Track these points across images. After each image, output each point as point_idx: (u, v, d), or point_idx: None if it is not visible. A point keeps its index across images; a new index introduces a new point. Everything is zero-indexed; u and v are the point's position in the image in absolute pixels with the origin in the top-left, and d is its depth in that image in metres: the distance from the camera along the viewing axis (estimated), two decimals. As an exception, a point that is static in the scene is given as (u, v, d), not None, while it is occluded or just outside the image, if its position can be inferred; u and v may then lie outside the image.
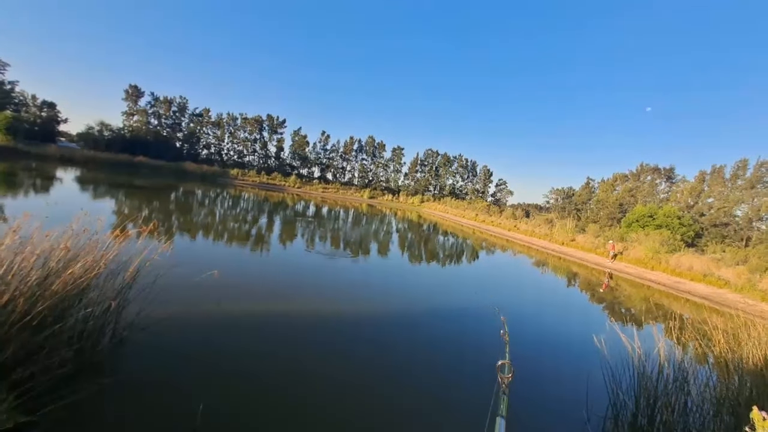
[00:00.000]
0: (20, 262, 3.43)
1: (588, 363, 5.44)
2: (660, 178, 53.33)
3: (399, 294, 9.56)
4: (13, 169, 26.48)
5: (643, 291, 16.95)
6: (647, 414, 4.20)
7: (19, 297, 3.21)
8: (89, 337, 3.97)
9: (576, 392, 5.03)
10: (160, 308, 5.12)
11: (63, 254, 3.85)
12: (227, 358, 4.71)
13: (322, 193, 62.65)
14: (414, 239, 24.16)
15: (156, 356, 4.48)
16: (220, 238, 13.78)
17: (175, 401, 3.73)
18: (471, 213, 51.32)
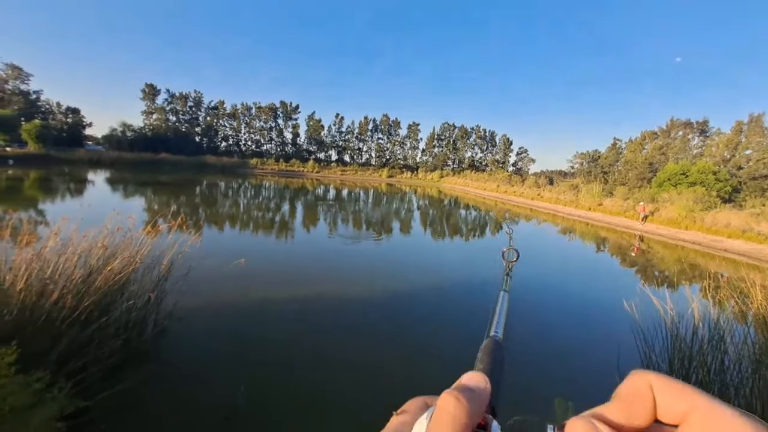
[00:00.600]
0: (64, 262, 3.67)
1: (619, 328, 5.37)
2: (692, 133, 50.28)
3: (423, 273, 9.64)
4: (48, 175, 27.88)
5: (677, 252, 16.38)
6: (681, 375, 4.14)
7: (66, 294, 3.46)
8: (134, 328, 4.25)
9: (607, 357, 5.00)
10: (194, 298, 5.38)
11: (102, 252, 4.08)
12: (259, 344, 4.94)
13: (341, 176, 62.89)
14: (435, 215, 24.07)
15: (194, 344, 4.75)
16: (246, 228, 14.19)
17: (215, 386, 3.97)
18: (492, 184, 50.36)
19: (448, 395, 0.27)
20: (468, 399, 0.27)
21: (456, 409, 0.26)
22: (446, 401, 0.27)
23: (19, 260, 3.47)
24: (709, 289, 5.11)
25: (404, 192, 42.87)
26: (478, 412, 0.27)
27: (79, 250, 3.92)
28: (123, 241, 4.43)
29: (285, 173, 58.29)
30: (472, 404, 0.27)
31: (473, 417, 0.26)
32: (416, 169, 75.01)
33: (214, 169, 52.28)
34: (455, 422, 0.25)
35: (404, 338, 5.44)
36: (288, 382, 4.13)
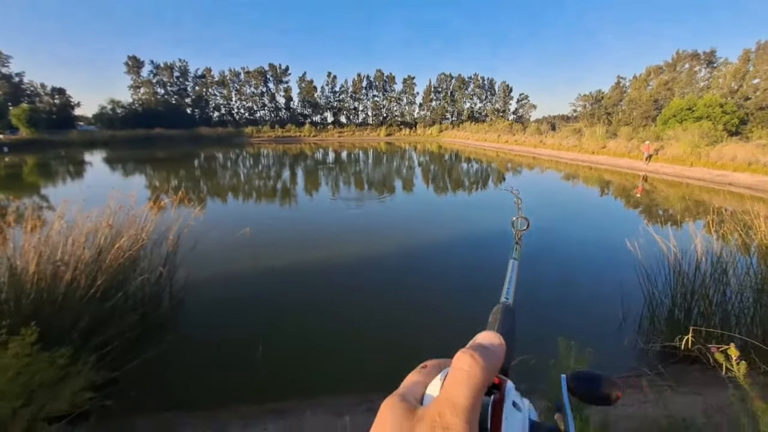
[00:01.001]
0: (72, 243, 3.72)
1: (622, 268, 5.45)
2: (699, 65, 48.07)
3: (426, 231, 9.72)
4: (45, 160, 27.69)
5: (681, 190, 16.27)
6: (684, 308, 4.25)
7: (79, 275, 3.54)
8: (150, 302, 4.39)
9: (611, 297, 5.12)
10: (205, 269, 5.51)
11: (108, 231, 4.13)
12: (271, 307, 5.13)
13: (339, 138, 61.84)
14: (437, 171, 23.86)
15: (210, 312, 4.93)
16: (248, 198, 14.21)
17: (237, 345, 4.17)
18: (493, 135, 49.33)
19: (464, 353, 0.27)
20: (483, 357, 0.27)
21: (471, 367, 0.26)
22: (462, 360, 0.27)
23: (28, 245, 3.53)
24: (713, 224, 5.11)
25: (404, 150, 42.25)
26: (494, 370, 0.27)
27: (85, 230, 3.96)
28: (127, 219, 4.46)
29: (282, 140, 57.35)
30: (488, 362, 0.27)
31: (489, 375, 0.26)
32: (414, 125, 73.37)
33: (210, 141, 51.52)
34: (470, 380, 0.25)
35: (410, 298, 5.59)
36: (301, 341, 4.32)
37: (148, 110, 57.59)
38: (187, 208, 5.31)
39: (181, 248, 5.06)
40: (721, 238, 4.61)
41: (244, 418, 3.15)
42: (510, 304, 0.47)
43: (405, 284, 5.97)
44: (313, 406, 3.33)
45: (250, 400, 3.41)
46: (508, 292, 0.52)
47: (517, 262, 0.61)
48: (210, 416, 3.23)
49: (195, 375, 3.77)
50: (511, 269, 0.59)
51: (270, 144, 50.40)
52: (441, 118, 75.14)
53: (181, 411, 3.29)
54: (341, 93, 74.27)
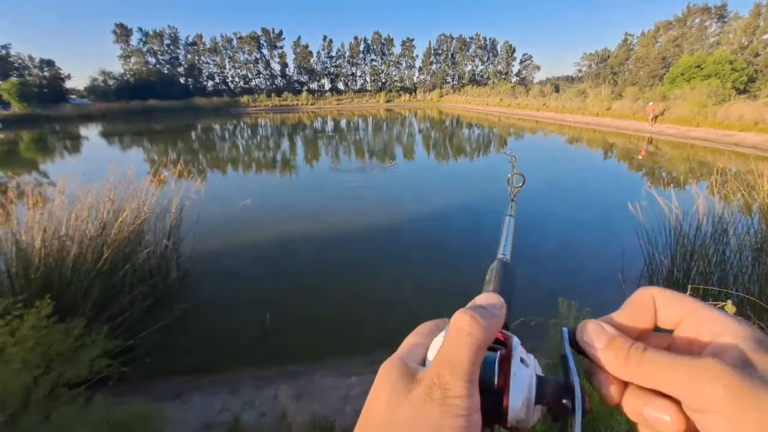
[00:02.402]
0: (75, 218, 3.75)
1: (623, 231, 5.49)
2: (710, 19, 45.89)
3: (428, 197, 9.69)
4: (40, 135, 27.34)
5: (686, 151, 16.04)
6: (683, 268, 4.31)
7: (86, 249, 3.59)
8: (158, 273, 4.48)
9: (611, 258, 5.19)
10: (209, 241, 5.58)
11: (110, 206, 4.14)
12: (275, 276, 5.24)
13: (337, 106, 60.46)
14: (438, 138, 23.49)
15: (217, 281, 5.04)
16: (248, 169, 14.12)
17: (244, 313, 4.29)
18: (495, 99, 48.06)
19: (463, 313, 0.27)
20: (482, 316, 0.27)
21: (471, 326, 0.26)
22: (461, 319, 0.27)
23: (32, 221, 3.56)
24: (716, 184, 5.08)
25: (404, 117, 41.39)
26: (494, 330, 0.27)
27: (87, 205, 3.97)
28: (128, 193, 4.46)
29: (279, 109, 56.12)
30: (487, 321, 0.27)
31: (488, 334, 0.26)
32: (414, 90, 71.39)
33: (207, 112, 50.51)
34: (469, 338, 0.25)
35: (413, 262, 5.67)
36: (307, 307, 4.45)
37: (140, 81, 56.09)
38: (187, 182, 5.29)
39: (184, 221, 5.10)
40: (724, 199, 4.60)
41: (256, 380, 3.29)
42: (508, 260, 0.46)
43: (407, 250, 6.04)
44: (321, 369, 3.47)
45: (261, 364, 3.55)
46: (504, 249, 0.51)
47: (513, 219, 0.60)
48: (223, 380, 3.38)
49: (206, 341, 3.91)
50: (507, 226, 0.59)
51: (267, 114, 49.40)
52: (441, 82, 73.00)
53: (194, 375, 3.44)
54: (338, 58, 71.84)
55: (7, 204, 3.72)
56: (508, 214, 0.63)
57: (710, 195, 4.75)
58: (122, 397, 2.76)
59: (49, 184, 10.18)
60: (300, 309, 4.43)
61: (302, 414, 2.62)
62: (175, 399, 3.06)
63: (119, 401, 2.45)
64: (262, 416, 2.82)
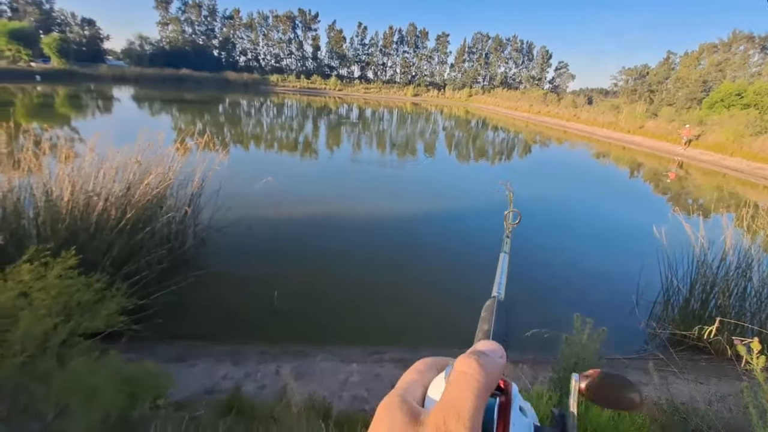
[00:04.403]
0: (103, 176, 3.85)
1: (643, 252, 5.36)
2: (753, 48, 43.79)
3: (446, 197, 9.63)
4: (75, 92, 28.08)
5: (717, 179, 15.46)
6: (701, 299, 4.19)
7: (110, 207, 3.69)
8: (176, 238, 4.58)
9: (627, 279, 5.08)
10: (228, 213, 5.65)
11: (137, 167, 4.24)
12: (288, 254, 5.32)
13: (364, 94, 60.25)
14: (461, 138, 23.21)
15: (232, 252, 5.13)
16: (271, 147, 14.25)
17: (254, 288, 4.38)
18: (525, 104, 47.05)
19: (468, 357, 0.27)
20: (486, 363, 0.27)
21: (476, 372, 0.26)
22: (467, 364, 0.27)
23: (62, 174, 3.67)
24: (746, 217, 4.88)
25: (430, 112, 40.98)
26: (496, 378, 0.27)
27: (115, 165, 4.07)
28: (155, 158, 4.55)
29: (306, 91, 56.27)
30: (491, 369, 0.27)
31: (491, 382, 0.26)
32: (443, 86, 70.46)
33: (236, 87, 50.99)
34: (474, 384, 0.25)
35: (424, 260, 5.66)
36: (316, 290, 4.50)
37: (175, 49, 56.91)
38: (211, 153, 5.36)
39: (206, 191, 5.18)
40: (752, 234, 4.43)
41: (260, 354, 3.36)
42: (502, 299, 0.47)
43: (421, 247, 6.03)
44: (323, 352, 3.52)
45: (266, 339, 3.62)
46: (500, 287, 0.52)
47: (508, 256, 0.61)
48: (227, 349, 3.46)
49: (215, 310, 4.00)
50: (502, 263, 0.59)
51: (294, 94, 49.61)
52: (472, 81, 71.83)
53: (201, 341, 3.53)
54: (370, 46, 71.33)
55: (40, 155, 3.84)
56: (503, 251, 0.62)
57: (739, 228, 4.58)
58: (132, 354, 2.85)
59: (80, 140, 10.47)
60: (309, 291, 4.48)
61: (301, 392, 2.66)
62: (180, 362, 3.14)
63: (129, 358, 2.53)
64: (262, 389, 2.88)
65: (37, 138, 4.25)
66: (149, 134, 4.72)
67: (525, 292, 4.73)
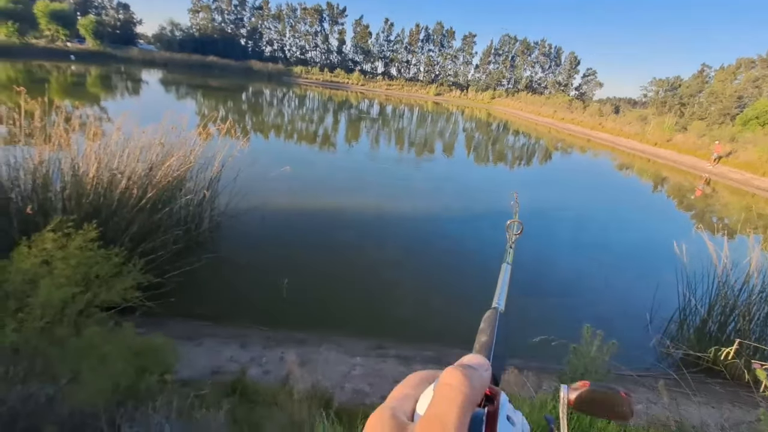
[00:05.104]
0: (127, 155, 3.96)
1: (661, 269, 5.21)
2: (795, 66, 41.71)
3: (460, 197, 9.55)
4: (106, 73, 28.89)
5: (746, 199, 14.87)
6: (719, 321, 4.05)
7: (132, 185, 3.79)
8: (192, 221, 4.69)
9: (642, 295, 4.95)
10: (244, 199, 5.74)
11: (159, 149, 4.34)
12: (300, 243, 5.38)
13: (386, 91, 60.11)
14: (480, 140, 22.96)
15: (245, 239, 5.22)
16: (290, 138, 14.38)
17: (264, 275, 4.44)
18: (548, 110, 46.12)
19: (453, 369, 0.28)
20: (471, 375, 0.27)
21: (461, 383, 0.26)
22: (452, 375, 0.27)
23: (90, 151, 3.79)
24: (775, 240, 4.70)
25: (451, 112, 40.63)
26: (481, 390, 0.28)
27: (140, 145, 4.18)
28: (178, 141, 4.65)
29: (329, 84, 56.48)
30: (476, 381, 0.27)
31: (476, 393, 0.27)
32: (466, 87, 69.70)
33: (260, 76, 51.58)
34: (459, 396, 0.26)
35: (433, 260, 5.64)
36: (325, 282, 4.54)
37: (204, 36, 57.94)
38: (232, 140, 5.45)
39: (224, 176, 5.27)
40: (778, 257, 4.26)
41: (266, 340, 3.41)
42: (502, 311, 0.47)
43: (431, 246, 6.01)
44: (328, 343, 3.54)
45: (272, 325, 3.67)
46: (500, 298, 0.51)
47: (510, 267, 0.60)
48: (235, 332, 3.52)
49: (225, 293, 4.08)
50: (504, 274, 0.59)
51: (317, 87, 49.88)
52: (496, 83, 70.85)
53: (210, 322, 3.61)
54: (396, 43, 71.05)
55: (69, 131, 3.97)
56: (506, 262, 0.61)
57: (764, 251, 4.41)
58: (143, 329, 2.93)
59: (107, 119, 10.78)
60: (318, 282, 4.52)
61: (304, 380, 2.69)
62: (189, 341, 3.21)
63: (140, 332, 2.60)
64: (266, 374, 2.93)
65: (68, 115, 4.40)
66: (173, 117, 4.83)
67: (536, 299, 4.68)
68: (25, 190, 3.41)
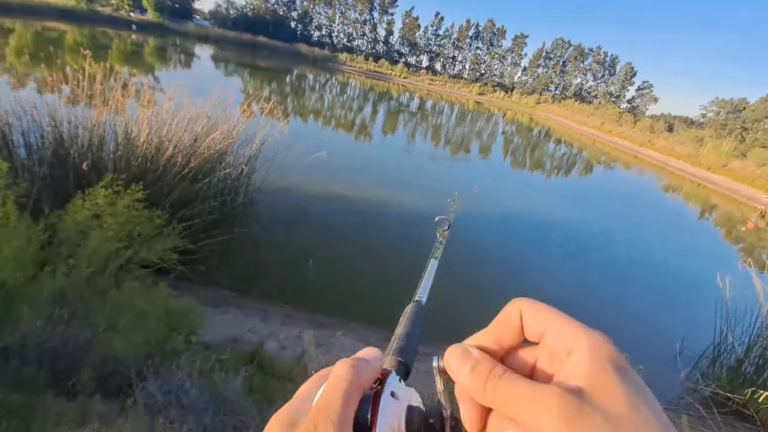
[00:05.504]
0: (176, 124, 4.14)
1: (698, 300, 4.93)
2: None
3: (492, 201, 9.36)
4: (163, 44, 30.20)
5: (806, 238, 13.71)
6: (756, 363, 3.79)
7: (177, 154, 3.97)
8: (228, 194, 4.86)
9: (673, 324, 4.72)
10: (279, 179, 5.90)
11: (205, 122, 4.51)
12: (328, 227, 5.48)
13: (429, 86, 59.43)
14: (519, 144, 22.32)
15: (276, 217, 5.37)
16: (328, 124, 14.55)
17: (290, 254, 4.56)
18: (596, 120, 44.04)
19: (342, 362, 0.30)
20: (358, 364, 0.29)
21: (346, 373, 0.28)
22: (339, 367, 0.29)
23: (142, 117, 3.99)
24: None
25: (492, 113, 39.70)
26: (369, 374, 0.30)
27: (188, 116, 4.36)
28: (223, 116, 4.82)
29: (372, 74, 56.47)
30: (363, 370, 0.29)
31: (362, 379, 0.29)
32: (511, 89, 67.71)
33: (306, 60, 52.33)
34: (344, 385, 0.27)
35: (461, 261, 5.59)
36: (349, 269, 4.61)
37: (256, 17, 59.30)
38: (273, 120, 5.57)
39: (263, 155, 5.42)
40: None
41: (285, 317, 3.51)
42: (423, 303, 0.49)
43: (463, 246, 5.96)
44: (344, 329, 3.60)
45: (293, 304, 3.77)
46: (424, 291, 0.54)
47: (437, 262, 0.62)
48: (257, 306, 3.65)
49: (252, 267, 4.23)
50: (431, 268, 0.61)
51: (359, 75, 50.05)
52: (543, 88, 68.43)
53: (235, 293, 3.76)
54: (443, 37, 69.91)
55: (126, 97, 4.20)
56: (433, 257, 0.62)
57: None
58: (174, 291, 3.09)
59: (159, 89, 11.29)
60: (342, 267, 4.59)
61: (318, 361, 2.75)
62: (214, 308, 3.36)
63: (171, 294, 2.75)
64: (282, 349, 3.02)
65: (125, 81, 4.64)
66: (221, 92, 5.00)
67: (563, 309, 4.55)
68: (82, 148, 3.65)
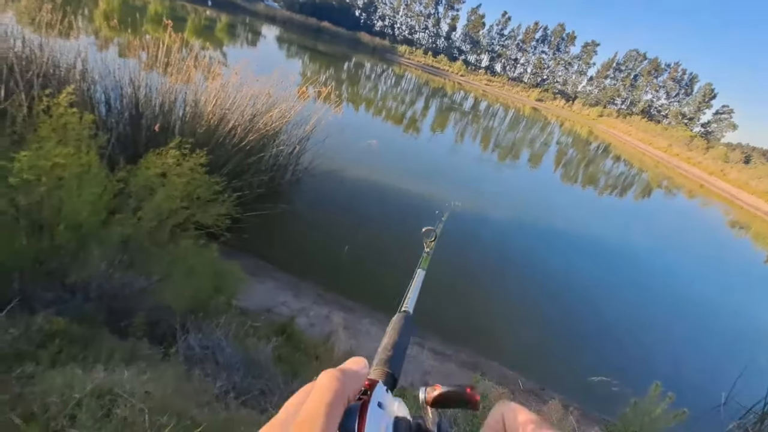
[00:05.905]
0: (240, 99, 4.33)
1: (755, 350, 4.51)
2: None
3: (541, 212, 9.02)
4: (233, 22, 31.63)
5: None
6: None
7: (237, 127, 4.17)
8: (278, 171, 5.05)
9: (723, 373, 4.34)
10: (327, 162, 6.03)
11: (266, 99, 4.69)
12: (369, 214, 5.56)
13: (485, 86, 57.88)
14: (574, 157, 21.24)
15: (321, 199, 5.52)
16: (379, 114, 14.62)
17: (329, 236, 4.69)
18: (662, 142, 40.83)
19: (327, 372, 0.30)
20: (343, 375, 0.30)
21: (330, 382, 0.28)
22: (322, 377, 0.29)
23: (210, 89, 4.22)
24: None
25: (548, 122, 38.01)
26: (353, 384, 0.30)
27: (251, 93, 4.55)
28: (282, 95, 4.98)
29: (428, 68, 55.87)
30: (347, 379, 0.29)
31: (346, 388, 0.29)
32: (573, 98, 64.29)
33: (366, 49, 52.74)
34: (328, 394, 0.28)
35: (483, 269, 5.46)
36: (384, 260, 4.65)
37: (323, 2, 60.44)
38: (328, 104, 5.69)
39: (314, 137, 5.56)
40: None
41: (317, 296, 3.62)
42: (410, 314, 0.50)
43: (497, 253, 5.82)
44: (371, 317, 3.65)
45: (326, 285, 3.88)
46: (411, 302, 0.55)
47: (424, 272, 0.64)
48: (292, 281, 3.78)
49: (292, 244, 4.38)
50: (417, 278, 0.62)
51: (416, 69, 49.70)
52: (608, 101, 64.39)
53: (273, 266, 3.92)
54: (508, 38, 67.56)
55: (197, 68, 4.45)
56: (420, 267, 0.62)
57: None
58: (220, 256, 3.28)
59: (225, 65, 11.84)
60: (377, 256, 4.66)
61: (344, 342, 2.82)
62: (253, 276, 3.52)
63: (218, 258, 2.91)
64: (311, 326, 3.12)
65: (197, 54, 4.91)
66: (282, 73, 5.17)
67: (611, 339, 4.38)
68: (154, 111, 3.93)
